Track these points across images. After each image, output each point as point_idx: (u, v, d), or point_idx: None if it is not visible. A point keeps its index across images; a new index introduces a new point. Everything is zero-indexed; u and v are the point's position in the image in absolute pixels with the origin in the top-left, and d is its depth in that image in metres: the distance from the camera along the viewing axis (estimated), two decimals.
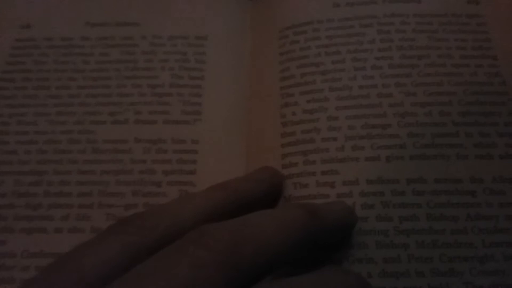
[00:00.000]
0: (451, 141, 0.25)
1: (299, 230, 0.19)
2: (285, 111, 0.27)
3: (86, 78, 0.29)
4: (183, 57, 0.30)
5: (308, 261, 0.21)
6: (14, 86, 0.29)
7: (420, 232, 0.23)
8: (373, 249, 0.22)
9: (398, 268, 0.22)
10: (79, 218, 0.25)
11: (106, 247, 0.18)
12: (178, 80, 0.29)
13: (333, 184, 0.24)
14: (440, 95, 0.26)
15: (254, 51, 0.30)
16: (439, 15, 0.29)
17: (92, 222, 0.25)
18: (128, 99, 0.28)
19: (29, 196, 0.25)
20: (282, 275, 0.19)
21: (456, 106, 0.26)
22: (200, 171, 0.26)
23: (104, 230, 0.19)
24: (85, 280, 0.17)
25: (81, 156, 0.26)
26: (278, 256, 0.18)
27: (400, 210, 0.23)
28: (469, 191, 0.24)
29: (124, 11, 0.32)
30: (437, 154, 0.24)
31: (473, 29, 0.29)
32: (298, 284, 0.17)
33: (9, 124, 0.28)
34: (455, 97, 0.26)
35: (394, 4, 0.29)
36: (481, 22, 0.29)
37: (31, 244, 0.24)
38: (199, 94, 0.29)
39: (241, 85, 0.29)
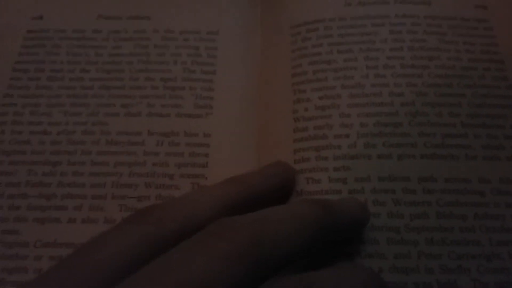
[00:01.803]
0: (460, 141, 0.25)
1: (314, 225, 0.19)
2: (297, 106, 0.27)
3: (99, 70, 0.29)
4: (195, 52, 0.30)
5: (322, 256, 0.22)
6: (28, 76, 0.29)
7: (430, 230, 0.23)
8: (384, 245, 0.23)
9: (408, 264, 0.22)
10: (92, 208, 0.25)
11: (125, 238, 0.18)
12: (190, 74, 0.29)
13: (345, 180, 0.24)
14: (450, 97, 0.27)
15: (265, 46, 0.31)
16: (449, 18, 0.29)
17: (105, 213, 0.25)
18: (140, 92, 0.28)
19: (42, 186, 0.25)
20: (297, 269, 0.19)
21: (465, 107, 0.26)
22: (212, 164, 0.26)
23: (122, 220, 0.19)
24: (104, 271, 0.17)
25: (94, 147, 0.27)
26: (295, 250, 0.18)
27: (411, 208, 0.23)
28: (478, 191, 0.24)
29: (136, 4, 0.32)
30: (447, 154, 0.25)
31: (481, 33, 0.29)
32: (313, 279, 0.18)
33: (23, 114, 0.28)
34: (464, 99, 0.27)
35: (405, 5, 0.30)
36: (489, 26, 0.29)
37: (44, 234, 0.24)
38: (211, 88, 0.29)
39: (252, 80, 0.29)
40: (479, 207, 0.24)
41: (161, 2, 0.32)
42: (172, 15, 0.32)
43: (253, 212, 0.19)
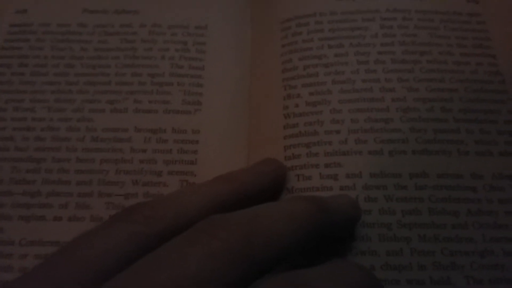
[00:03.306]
0: (452, 137, 0.25)
1: (307, 222, 0.19)
2: (287, 102, 0.27)
3: (85, 65, 0.29)
4: (183, 47, 0.29)
5: (314, 253, 0.21)
6: (11, 71, 0.28)
7: (422, 226, 0.23)
8: (376, 242, 0.22)
9: (401, 261, 0.22)
10: (79, 206, 0.24)
11: (113, 236, 0.18)
12: (178, 70, 0.29)
13: (337, 176, 0.24)
14: (442, 92, 0.26)
15: (255, 41, 0.30)
16: (440, 12, 0.29)
17: (92, 210, 0.24)
18: (127, 87, 0.28)
19: (27, 184, 0.25)
20: (289, 267, 0.19)
21: (457, 102, 0.26)
22: (201, 161, 0.26)
23: (110, 218, 0.19)
24: (91, 269, 0.17)
25: (80, 144, 0.26)
26: (287, 248, 0.18)
27: (403, 204, 0.23)
28: (470, 187, 0.24)
29: None
30: (439, 149, 0.25)
31: (473, 27, 0.29)
32: (306, 277, 0.17)
33: (6, 110, 0.27)
34: (456, 94, 0.26)
35: None
36: (481, 20, 0.29)
37: (29, 232, 0.24)
38: (200, 84, 0.28)
39: (242, 75, 0.29)
40: (471, 203, 0.23)
41: None
42: (159, 9, 0.31)
43: (244, 209, 0.18)
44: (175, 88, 0.28)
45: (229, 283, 0.16)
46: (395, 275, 0.22)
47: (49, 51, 0.29)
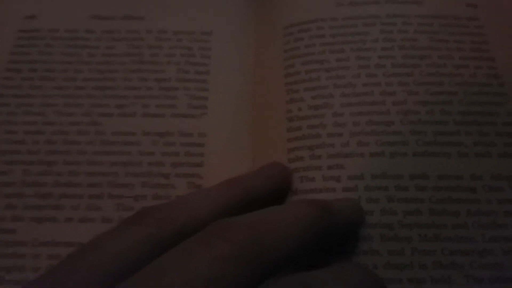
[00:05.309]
0: (452, 139, 0.26)
1: (312, 225, 0.19)
2: (290, 106, 0.27)
3: (92, 70, 0.29)
4: (189, 52, 0.30)
5: (319, 254, 0.22)
6: (20, 76, 0.29)
7: (423, 226, 0.23)
8: (378, 241, 0.23)
9: (402, 260, 0.23)
10: (90, 208, 0.25)
11: (126, 239, 0.18)
12: (184, 75, 0.29)
13: (339, 178, 0.25)
14: (441, 95, 0.27)
15: (258, 47, 0.31)
16: (440, 17, 0.30)
17: (103, 212, 0.25)
18: (135, 92, 0.29)
19: (38, 186, 0.26)
20: (295, 269, 0.19)
21: (457, 105, 0.27)
22: (207, 163, 0.27)
23: (122, 221, 0.20)
24: (105, 272, 0.17)
25: (90, 147, 0.27)
26: (294, 250, 0.18)
27: (404, 205, 0.24)
28: (470, 188, 0.24)
29: (129, 4, 0.32)
30: (439, 151, 0.25)
31: (471, 31, 0.29)
32: (311, 279, 0.18)
33: (16, 114, 0.28)
34: (456, 97, 0.27)
35: (396, 5, 0.30)
36: (479, 25, 0.30)
37: (41, 233, 0.24)
38: (205, 88, 0.29)
39: (246, 80, 0.30)
40: (471, 204, 0.24)
41: (154, 2, 0.32)
42: (165, 16, 0.32)
43: (251, 212, 0.19)
44: (181, 93, 0.29)
45: (239, 284, 0.16)
46: (397, 274, 0.22)
47: (58, 57, 0.30)
